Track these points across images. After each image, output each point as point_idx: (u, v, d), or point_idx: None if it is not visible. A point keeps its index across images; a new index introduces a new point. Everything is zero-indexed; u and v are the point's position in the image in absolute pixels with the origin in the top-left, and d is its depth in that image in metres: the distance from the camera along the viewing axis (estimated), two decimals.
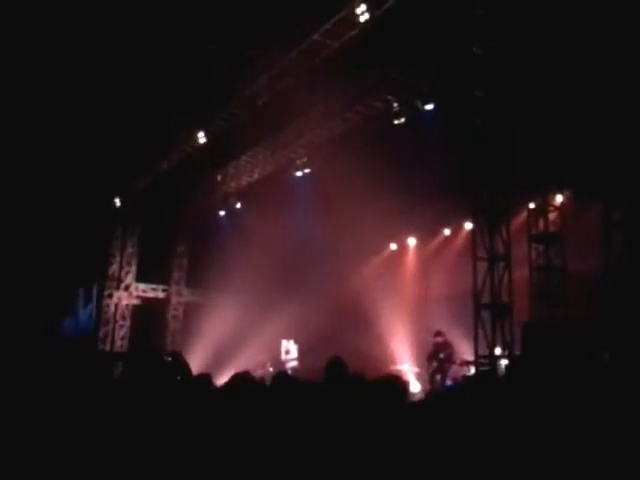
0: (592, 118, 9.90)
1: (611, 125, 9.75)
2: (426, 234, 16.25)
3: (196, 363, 10.83)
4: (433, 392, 11.26)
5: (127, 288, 18.03)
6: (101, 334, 17.34)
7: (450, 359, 12.49)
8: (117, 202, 17.62)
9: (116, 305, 17.79)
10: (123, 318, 17.81)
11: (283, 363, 15.54)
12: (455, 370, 12.31)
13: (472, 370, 11.20)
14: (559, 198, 11.69)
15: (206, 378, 3.71)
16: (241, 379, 3.38)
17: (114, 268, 17.99)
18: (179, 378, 3.49)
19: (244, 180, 16.37)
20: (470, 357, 11.16)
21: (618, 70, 9.08)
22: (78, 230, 15.80)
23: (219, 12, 10.47)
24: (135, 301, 18.17)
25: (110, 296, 17.73)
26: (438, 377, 12.46)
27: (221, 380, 4.04)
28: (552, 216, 11.50)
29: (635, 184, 9.78)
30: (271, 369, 15.06)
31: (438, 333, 12.83)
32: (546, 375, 7.22)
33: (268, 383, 4.04)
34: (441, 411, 3.33)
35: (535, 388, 4.42)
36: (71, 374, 3.27)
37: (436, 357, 12.64)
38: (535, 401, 3.43)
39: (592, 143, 10.19)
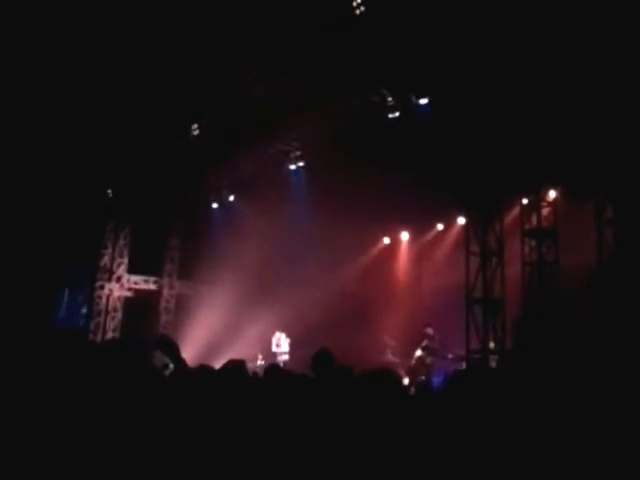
0: (586, 114, 9.91)
1: (604, 121, 9.76)
2: (419, 228, 16.28)
3: (187, 355, 10.80)
4: (422, 385, 11.32)
5: (119, 279, 17.95)
6: (92, 326, 17.27)
7: (434, 351, 12.61)
8: (109, 193, 17.50)
9: (107, 297, 17.71)
10: (115, 310, 17.73)
11: (274, 355, 15.53)
12: (445, 364, 12.36)
13: (464, 364, 11.24)
14: (552, 194, 11.71)
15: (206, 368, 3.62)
16: (235, 367, 3.35)
17: (106, 259, 17.90)
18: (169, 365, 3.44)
19: (237, 173, 16.31)
20: (462, 351, 11.20)
21: (614, 65, 9.09)
22: (70, 221, 15.71)
23: (215, 10, 10.44)
24: (127, 293, 18.09)
25: (102, 287, 17.65)
26: (422, 369, 12.57)
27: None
28: (545, 212, 11.51)
29: (627, 180, 9.81)
30: (263, 362, 15.06)
31: (429, 324, 12.97)
32: (536, 370, 7.26)
33: (260, 375, 4.03)
34: (435, 405, 3.34)
35: (525, 383, 4.43)
36: (62, 367, 3.23)
37: (420, 345, 12.79)
38: (526, 396, 3.43)
39: (585, 139, 10.21)
